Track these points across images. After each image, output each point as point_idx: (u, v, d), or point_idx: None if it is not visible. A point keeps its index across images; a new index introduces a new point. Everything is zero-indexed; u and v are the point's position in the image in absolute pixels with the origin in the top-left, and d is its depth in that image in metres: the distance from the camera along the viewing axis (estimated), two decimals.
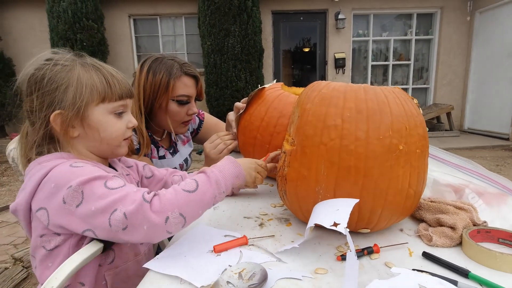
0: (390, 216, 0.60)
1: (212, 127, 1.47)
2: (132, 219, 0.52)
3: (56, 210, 0.54)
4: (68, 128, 0.61)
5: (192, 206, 0.57)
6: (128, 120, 0.68)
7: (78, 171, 0.55)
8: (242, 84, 5.34)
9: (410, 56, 6.39)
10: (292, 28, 6.26)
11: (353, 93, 0.60)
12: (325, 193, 0.59)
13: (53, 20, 5.24)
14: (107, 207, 0.53)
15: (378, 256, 0.55)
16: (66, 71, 0.60)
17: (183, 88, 1.13)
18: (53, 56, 0.62)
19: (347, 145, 0.57)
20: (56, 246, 0.58)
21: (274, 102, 0.95)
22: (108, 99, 0.63)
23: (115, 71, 0.67)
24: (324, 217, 0.52)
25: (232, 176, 0.65)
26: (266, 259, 0.56)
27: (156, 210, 0.54)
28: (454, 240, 0.57)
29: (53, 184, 0.54)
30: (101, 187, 0.54)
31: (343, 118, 0.58)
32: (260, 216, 0.75)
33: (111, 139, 0.65)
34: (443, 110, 5.76)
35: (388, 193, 0.57)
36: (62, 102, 0.59)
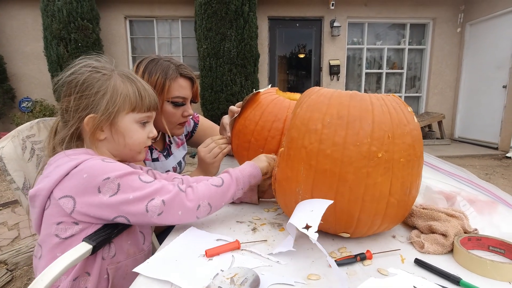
0: (370, 222, 0.60)
1: (207, 130, 1.46)
2: (169, 205, 0.61)
3: (86, 198, 0.59)
4: (96, 130, 0.67)
5: (218, 198, 0.68)
6: (150, 131, 0.75)
7: (112, 166, 0.61)
8: (237, 88, 5.35)
9: (403, 65, 6.50)
10: (288, 34, 6.32)
11: (337, 99, 0.61)
12: (304, 194, 0.61)
13: (47, 19, 5.19)
14: (145, 196, 0.60)
15: (370, 263, 0.55)
16: (105, 79, 0.67)
17: (179, 89, 1.12)
18: (96, 64, 0.69)
19: (324, 149, 0.58)
20: (72, 235, 0.61)
21: (269, 106, 0.96)
22: (138, 109, 0.70)
23: (147, 84, 0.74)
24: (299, 218, 0.53)
25: (249, 175, 0.75)
26: (259, 264, 0.55)
27: (191, 198, 0.64)
28: (446, 247, 0.57)
29: (86, 174, 0.59)
30: (137, 181, 0.62)
31: (323, 123, 0.59)
32: (253, 221, 0.75)
33: (134, 145, 0.71)
34: (434, 118, 5.85)
35: (364, 199, 0.57)
36: (97, 107, 0.66)
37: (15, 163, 0.79)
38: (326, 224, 0.62)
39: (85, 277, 0.64)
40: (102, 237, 0.62)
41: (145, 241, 0.76)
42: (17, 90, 5.94)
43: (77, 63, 0.69)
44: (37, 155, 0.85)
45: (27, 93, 5.98)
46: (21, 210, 2.86)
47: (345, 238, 0.65)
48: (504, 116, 5.22)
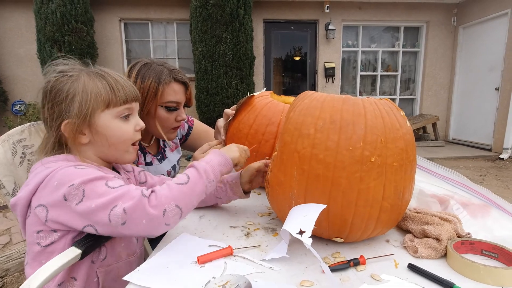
0: (363, 227, 0.60)
1: (202, 133, 1.46)
2: (131, 214, 0.56)
3: (56, 207, 0.57)
4: (77, 135, 0.64)
5: (186, 197, 0.61)
6: (136, 123, 0.70)
7: (81, 171, 0.59)
8: (233, 91, 5.35)
9: (397, 68, 6.56)
10: (283, 36, 6.34)
11: (330, 103, 0.61)
12: (297, 199, 0.61)
13: (40, 21, 5.14)
14: (107, 204, 0.56)
15: (364, 268, 0.55)
16: (72, 81, 0.64)
17: (172, 94, 1.11)
18: (62, 68, 0.66)
19: (317, 154, 0.58)
20: (52, 242, 0.60)
21: (263, 110, 0.95)
22: (113, 104, 0.65)
23: (120, 76, 0.70)
24: (292, 223, 0.53)
25: (219, 164, 0.69)
26: (251, 270, 0.55)
27: (154, 204, 0.57)
28: (439, 252, 0.57)
29: (56, 182, 0.57)
30: (102, 186, 0.58)
31: (316, 128, 0.59)
32: (246, 226, 0.74)
33: (119, 144, 0.67)
34: (429, 120, 5.90)
35: (357, 204, 0.57)
36: (70, 112, 0.63)
37: (4, 168, 0.77)
38: (319, 229, 0.62)
39: (71, 282, 0.62)
40: (91, 241, 0.60)
41: (138, 242, 0.75)
42: (10, 93, 5.87)
43: (46, 71, 0.67)
44: (28, 159, 0.84)
45: (20, 96, 5.91)
46: (12, 215, 2.82)
47: (338, 243, 0.65)
48: (497, 117, 5.29)
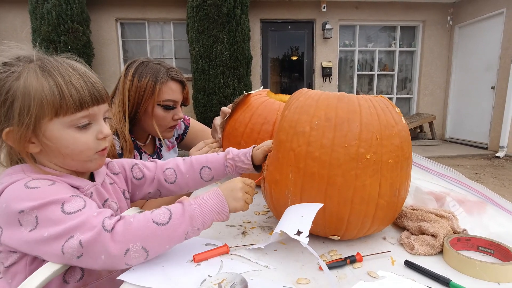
0: (360, 225, 0.60)
1: (198, 133, 1.45)
2: (88, 248, 0.49)
3: (9, 230, 0.51)
4: (25, 144, 0.54)
5: (158, 241, 0.52)
6: (98, 131, 0.59)
7: (32, 193, 0.51)
8: (230, 90, 5.34)
9: (394, 67, 6.58)
10: (280, 36, 6.34)
11: (325, 101, 0.61)
12: (293, 197, 0.60)
13: (36, 21, 5.11)
14: (62, 234, 0.49)
15: (360, 265, 0.55)
16: (12, 79, 0.52)
17: (169, 93, 1.11)
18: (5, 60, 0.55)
19: (312, 151, 0.57)
20: (13, 263, 0.54)
21: (259, 108, 0.95)
22: (63, 112, 0.54)
23: (78, 73, 0.57)
24: (289, 224, 0.53)
25: (212, 212, 0.57)
26: (247, 268, 0.54)
27: (117, 239, 0.49)
28: (436, 248, 0.57)
29: (4, 204, 0.51)
30: (57, 212, 0.50)
31: (311, 126, 0.59)
32: (243, 224, 0.74)
33: (76, 155, 0.57)
34: (425, 119, 5.93)
35: (353, 201, 0.57)
36: (11, 119, 0.52)
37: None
38: (316, 227, 0.62)
39: None
40: None
41: None
42: None
43: None
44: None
45: None
46: None
47: (335, 240, 0.65)
48: (493, 116, 5.32)
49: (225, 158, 0.77)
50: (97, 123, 0.60)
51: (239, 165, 0.76)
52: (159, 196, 0.78)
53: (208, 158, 0.78)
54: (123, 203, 0.73)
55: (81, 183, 0.60)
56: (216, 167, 0.76)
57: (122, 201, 0.73)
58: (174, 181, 0.76)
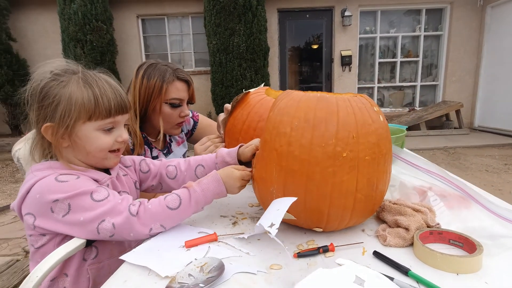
0: (340, 217, 0.64)
1: (206, 128, 1.53)
2: (120, 229, 0.63)
3: (43, 216, 0.62)
4: (58, 139, 0.66)
5: (172, 219, 0.68)
6: (118, 135, 0.71)
7: (63, 186, 0.62)
8: (247, 82, 5.39)
9: (418, 53, 6.29)
10: (298, 26, 6.25)
11: (305, 103, 0.64)
12: (277, 193, 0.66)
13: (64, 22, 5.41)
14: (96, 218, 0.61)
15: (332, 255, 0.60)
16: (61, 87, 0.65)
17: (175, 92, 1.19)
18: (56, 70, 0.67)
19: (293, 151, 0.62)
20: (42, 245, 0.66)
21: (256, 106, 1.00)
22: (95, 117, 0.66)
23: (110, 86, 0.69)
24: (266, 217, 0.58)
25: (213, 194, 0.72)
26: (230, 254, 0.61)
27: (142, 222, 0.64)
28: (407, 241, 0.61)
29: (38, 195, 0.61)
30: (87, 200, 0.62)
31: (291, 127, 0.63)
32: (235, 215, 0.80)
33: (96, 153, 0.69)
34: (452, 107, 5.66)
35: (332, 196, 0.61)
36: (53, 118, 0.65)
37: (28, 164, 0.87)
38: (299, 220, 0.67)
39: (63, 278, 0.68)
40: None
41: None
42: None
43: (38, 69, 0.67)
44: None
45: None
46: None
47: (317, 232, 0.70)
48: None
49: (216, 156, 0.86)
50: (119, 129, 0.72)
51: (227, 162, 0.83)
52: (160, 189, 0.88)
53: (203, 157, 0.88)
54: (133, 194, 0.83)
55: (99, 176, 0.72)
56: (209, 164, 0.85)
57: (133, 192, 0.84)
58: (175, 177, 0.85)
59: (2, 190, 3.69)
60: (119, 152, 0.74)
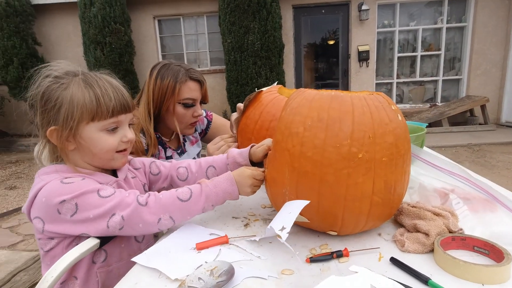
0: (355, 221, 0.61)
1: (220, 127, 1.53)
2: (129, 220, 0.63)
3: (51, 219, 0.63)
4: (64, 141, 0.66)
5: (182, 212, 0.68)
6: (123, 135, 0.70)
7: (69, 187, 0.62)
8: (263, 80, 5.37)
9: (440, 46, 6.03)
10: (313, 21, 6.15)
11: (318, 102, 0.62)
12: (290, 195, 0.64)
13: (85, 25, 5.58)
14: (105, 213, 0.62)
15: (347, 260, 0.57)
16: (62, 89, 0.65)
17: (188, 92, 1.19)
18: (57, 73, 0.67)
19: (305, 152, 0.60)
20: (51, 248, 0.67)
21: (268, 105, 0.98)
22: (97, 117, 0.65)
23: (111, 86, 0.68)
24: (278, 220, 0.56)
25: (224, 192, 0.71)
26: (241, 258, 0.60)
27: (151, 211, 0.65)
28: (427, 247, 0.57)
29: (44, 198, 0.62)
30: (94, 197, 0.63)
31: (304, 127, 0.61)
32: (247, 217, 0.79)
33: (101, 154, 0.68)
34: (476, 102, 5.39)
35: (346, 199, 0.59)
36: (57, 121, 0.65)
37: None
38: (313, 222, 0.65)
39: (72, 280, 0.69)
40: None
41: (144, 239, 0.80)
42: None
43: (40, 73, 0.66)
44: None
45: None
46: None
47: (330, 235, 0.67)
48: None
49: (227, 157, 0.85)
50: (123, 128, 0.71)
51: (238, 162, 0.82)
52: None
53: (214, 158, 0.87)
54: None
55: (105, 180, 0.72)
56: (220, 166, 0.84)
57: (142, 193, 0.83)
58: (186, 179, 0.85)
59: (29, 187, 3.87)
60: (126, 152, 0.73)
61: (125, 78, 5.64)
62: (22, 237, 2.62)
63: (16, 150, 5.93)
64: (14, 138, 6.34)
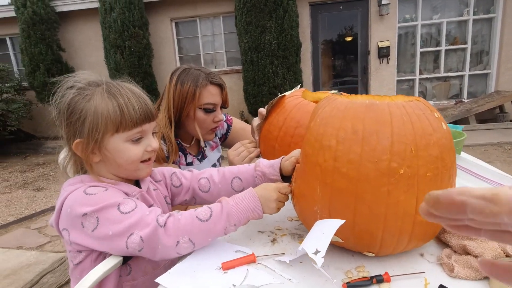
0: (395, 242, 0.56)
1: (240, 131, 1.50)
2: (148, 241, 0.59)
3: (76, 231, 0.62)
4: (89, 154, 0.65)
5: (202, 234, 0.63)
6: (148, 144, 0.69)
7: (91, 199, 0.61)
8: (280, 80, 5.31)
9: (466, 39, 5.73)
10: (331, 18, 6.01)
11: (352, 111, 0.57)
12: (322, 214, 0.59)
13: (105, 30, 5.73)
14: (124, 231, 0.59)
15: (388, 286, 0.52)
16: (86, 101, 0.64)
17: (208, 96, 1.16)
18: (80, 84, 0.66)
19: (339, 167, 0.55)
20: (80, 261, 0.66)
21: (292, 111, 0.94)
22: (122, 128, 0.64)
23: (134, 94, 0.67)
24: (310, 241, 0.52)
25: (247, 210, 0.66)
26: (271, 280, 0.56)
27: (170, 234, 0.60)
28: (480, 273, 0.51)
29: (69, 209, 0.61)
30: (114, 212, 0.60)
31: (337, 139, 0.56)
32: (274, 231, 0.75)
33: (127, 165, 0.67)
34: (507, 98, 5.08)
35: (386, 218, 0.53)
36: (82, 133, 0.64)
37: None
38: (347, 243, 0.60)
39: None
40: None
41: None
42: None
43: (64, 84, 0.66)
44: None
45: None
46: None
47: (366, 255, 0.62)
48: None
49: (254, 169, 0.80)
50: (147, 138, 0.69)
51: (267, 176, 0.77)
52: (194, 203, 0.85)
53: (239, 169, 0.81)
54: (165, 208, 0.81)
55: (129, 190, 0.70)
56: (247, 178, 0.79)
57: (164, 206, 0.81)
58: (208, 190, 0.81)
59: (56, 189, 4.01)
60: (150, 161, 0.71)
61: (144, 81, 5.75)
62: (49, 238, 2.70)
63: (43, 152, 6.18)
64: (42, 141, 6.62)
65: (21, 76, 6.64)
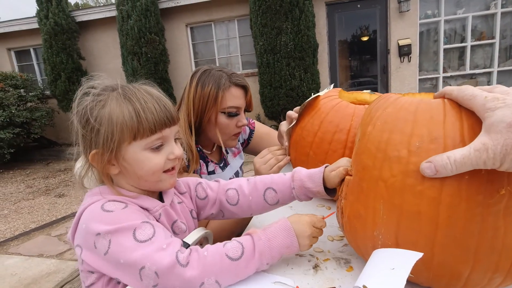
0: (486, 281, 0.43)
1: (263, 136, 1.39)
2: (164, 279, 0.50)
3: (88, 250, 0.55)
4: (106, 166, 0.59)
5: (230, 274, 0.54)
6: (170, 152, 0.61)
7: (107, 217, 0.54)
8: (297, 82, 5.19)
9: (494, 34, 5.43)
10: (348, 17, 5.86)
11: (427, 113, 0.45)
12: (386, 240, 0.47)
13: (123, 37, 5.82)
14: (135, 263, 0.51)
15: None
16: (99, 107, 0.58)
17: (232, 99, 1.07)
18: (95, 90, 0.61)
19: (414, 185, 0.43)
20: (91, 284, 0.58)
21: (330, 114, 0.83)
22: (140, 135, 0.57)
23: (152, 97, 0.60)
24: (375, 277, 0.40)
25: (281, 246, 0.57)
26: None
27: (193, 274, 0.51)
28: None
29: (84, 225, 0.55)
30: (129, 239, 0.52)
31: (409, 149, 0.44)
32: (314, 254, 0.64)
33: (148, 176, 0.60)
34: None
35: (478, 252, 0.41)
36: (97, 143, 0.58)
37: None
38: (418, 277, 0.48)
39: None
40: None
41: None
42: None
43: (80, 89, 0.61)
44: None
45: None
46: None
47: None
48: None
49: (292, 179, 0.69)
50: (169, 144, 0.62)
51: (308, 188, 0.66)
52: (222, 217, 0.75)
53: (273, 178, 0.71)
54: (190, 223, 0.72)
55: (151, 205, 0.62)
56: (282, 189, 0.69)
57: (190, 221, 0.72)
58: (237, 203, 0.71)
59: (76, 195, 4.05)
60: (174, 170, 0.64)
61: (160, 86, 5.67)
62: (68, 245, 2.69)
63: (65, 159, 6.32)
64: (63, 148, 6.79)
65: (44, 85, 6.85)
